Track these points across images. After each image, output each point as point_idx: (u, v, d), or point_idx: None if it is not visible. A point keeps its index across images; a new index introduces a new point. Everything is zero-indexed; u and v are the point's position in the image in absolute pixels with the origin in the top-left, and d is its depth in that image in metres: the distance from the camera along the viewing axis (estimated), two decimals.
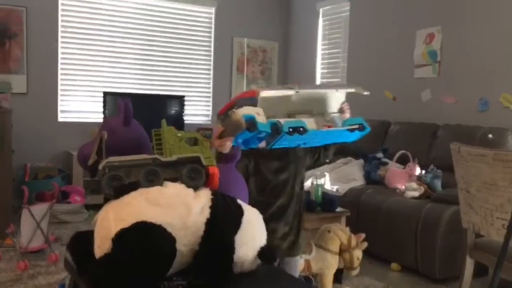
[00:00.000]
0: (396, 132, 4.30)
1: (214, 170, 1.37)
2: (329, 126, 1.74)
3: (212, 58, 5.70)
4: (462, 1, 4.02)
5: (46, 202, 3.36)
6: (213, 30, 5.68)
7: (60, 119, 4.88)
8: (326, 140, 1.90)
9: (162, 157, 1.35)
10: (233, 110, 1.55)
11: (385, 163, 3.94)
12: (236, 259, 1.26)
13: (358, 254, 2.55)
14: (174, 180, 1.32)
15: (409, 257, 3.20)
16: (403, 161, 3.92)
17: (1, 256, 3.25)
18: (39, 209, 3.24)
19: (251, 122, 1.47)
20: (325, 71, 5.54)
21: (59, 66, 4.85)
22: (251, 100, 1.54)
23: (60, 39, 4.83)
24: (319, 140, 1.85)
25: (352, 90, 1.91)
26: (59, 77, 4.86)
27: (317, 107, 1.78)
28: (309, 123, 1.64)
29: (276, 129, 1.55)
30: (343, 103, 1.90)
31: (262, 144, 1.67)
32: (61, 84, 4.89)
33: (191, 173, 1.34)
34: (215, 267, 1.25)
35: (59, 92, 4.87)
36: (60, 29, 4.82)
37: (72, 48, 4.92)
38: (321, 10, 5.54)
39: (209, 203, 1.26)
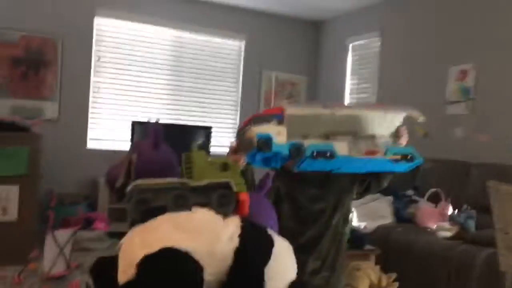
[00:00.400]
0: (427, 169, 4.17)
1: (245, 196, 1.31)
2: (372, 152, 1.52)
3: (240, 90, 5.73)
4: (495, 38, 3.95)
5: (70, 228, 3.33)
6: (242, 63, 5.73)
7: (88, 146, 4.93)
8: (366, 168, 1.67)
9: (191, 181, 1.30)
10: (249, 127, 1.43)
11: (416, 201, 3.82)
12: None
13: None
14: (203, 205, 1.27)
15: None
16: (434, 199, 3.79)
17: (23, 280, 3.21)
18: (63, 234, 3.21)
19: (264, 141, 1.37)
20: None
21: (91, 94, 4.94)
22: (276, 117, 1.43)
23: (92, 69, 4.93)
24: (356, 168, 1.63)
25: (404, 114, 1.68)
26: (90, 105, 4.94)
27: (363, 129, 1.57)
28: (341, 147, 1.45)
29: (296, 151, 1.40)
30: (400, 126, 1.67)
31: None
32: (91, 112, 4.96)
33: (221, 199, 1.29)
34: None
35: (89, 120, 4.94)
36: (93, 58, 4.93)
37: (104, 77, 5.02)
38: (350, 46, 5.54)
39: (238, 231, 1.19)
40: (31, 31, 4.61)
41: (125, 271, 1.09)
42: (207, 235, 1.15)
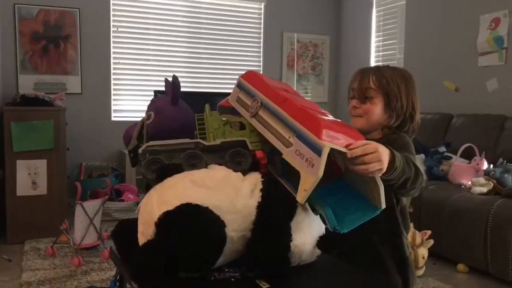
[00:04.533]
0: (459, 125, 4.02)
1: (262, 154, 1.23)
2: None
3: (261, 54, 5.61)
4: None
5: (99, 199, 3.35)
6: (262, 26, 5.58)
7: (113, 119, 4.93)
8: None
9: (205, 141, 1.24)
10: None
11: (449, 158, 3.68)
12: (293, 248, 1.12)
13: (423, 252, 2.36)
14: (219, 165, 1.21)
15: (478, 257, 2.94)
16: (468, 155, 3.64)
17: (56, 252, 3.27)
18: (92, 205, 3.24)
19: None
20: (380, 64, 5.30)
21: (112, 66, 4.91)
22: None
23: (112, 40, 4.88)
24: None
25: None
26: (112, 77, 4.92)
27: None
28: None
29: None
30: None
31: None
32: (114, 84, 4.94)
33: (236, 157, 1.22)
34: (271, 257, 1.12)
35: (112, 92, 4.92)
36: (112, 29, 4.87)
37: (124, 47, 4.97)
38: (374, 0, 5.31)
39: (259, 186, 1.13)
40: (48, 5, 4.57)
41: (144, 232, 1.05)
42: (226, 190, 1.09)
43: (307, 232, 1.15)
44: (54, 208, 3.64)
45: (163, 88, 1.45)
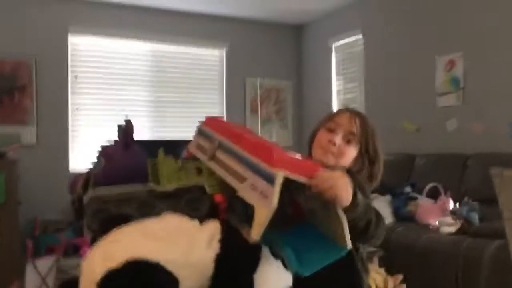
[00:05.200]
0: (422, 165, 4.04)
1: (221, 198, 1.13)
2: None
3: (224, 99, 5.58)
4: (482, 25, 3.84)
5: (53, 256, 3.13)
6: (224, 72, 5.59)
7: (70, 170, 4.73)
8: None
9: (159, 187, 1.13)
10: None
11: (415, 198, 3.66)
12: None
13: None
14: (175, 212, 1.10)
15: None
16: (433, 195, 3.63)
17: None
18: (45, 263, 3.01)
19: None
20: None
21: (70, 115, 4.76)
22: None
23: (69, 89, 4.76)
24: None
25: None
26: (70, 127, 4.76)
27: None
28: None
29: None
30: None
31: None
32: (72, 136, 4.77)
33: (192, 203, 1.11)
34: None
35: (70, 143, 4.75)
36: (70, 77, 4.75)
37: (82, 97, 4.84)
38: (333, 46, 5.42)
39: (218, 236, 1.02)
40: (1, 55, 4.43)
41: None
42: (180, 242, 0.97)
43: (272, 285, 1.04)
44: (5, 266, 3.38)
45: None
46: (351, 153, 1.45)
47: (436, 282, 2.94)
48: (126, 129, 1.24)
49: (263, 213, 0.94)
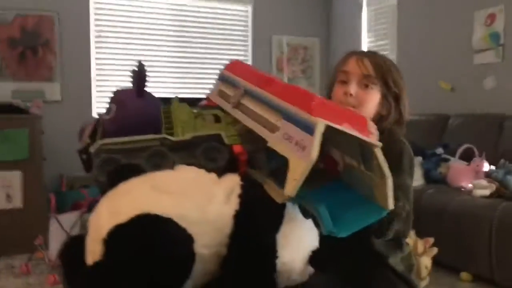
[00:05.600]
0: (456, 125, 3.86)
1: (241, 149, 1.02)
2: None
3: (250, 58, 5.42)
4: None
5: (77, 211, 3.14)
6: (250, 29, 5.40)
7: None
8: None
9: (172, 137, 1.03)
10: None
11: (447, 160, 3.50)
12: (280, 267, 0.90)
13: (426, 262, 2.17)
14: (188, 165, 1.00)
15: (482, 265, 2.76)
16: (467, 157, 3.47)
17: (30, 270, 3.05)
18: (68, 218, 3.02)
19: None
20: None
21: (93, 72, 4.70)
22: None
23: (93, 45, 4.68)
24: None
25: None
26: (93, 83, 4.71)
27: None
28: None
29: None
30: None
31: None
32: (96, 91, 4.73)
33: (209, 153, 1.00)
34: (252, 278, 0.91)
35: (94, 99, 4.71)
36: (93, 34, 4.67)
37: (106, 53, 4.77)
38: (365, 1, 5.16)
39: (238, 190, 0.92)
40: (24, 10, 4.36)
41: (93, 251, 0.83)
42: (196, 196, 0.87)
43: (296, 246, 0.94)
44: (31, 222, 3.41)
45: None
46: (373, 97, 1.31)
47: (468, 247, 2.83)
48: (139, 73, 1.13)
49: (300, 166, 0.82)
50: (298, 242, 0.95)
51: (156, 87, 4.94)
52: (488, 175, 3.15)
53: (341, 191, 1.00)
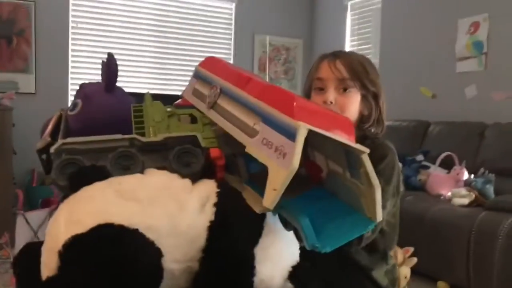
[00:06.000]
0: (437, 132, 3.84)
1: (218, 153, 0.94)
2: None
3: (232, 57, 5.34)
4: None
5: (46, 209, 3.01)
6: (233, 27, 5.32)
7: None
8: None
9: (143, 137, 0.95)
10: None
11: (427, 167, 3.48)
12: (258, 284, 0.82)
13: (405, 272, 2.12)
14: (159, 169, 0.91)
15: (459, 274, 2.73)
16: (447, 165, 3.46)
17: None
18: (37, 215, 2.89)
19: None
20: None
21: (70, 64, 4.55)
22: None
23: (70, 36, 4.54)
24: None
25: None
26: (70, 75, 4.56)
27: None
28: None
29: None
30: None
31: None
32: (72, 84, 4.58)
33: (183, 157, 0.92)
34: None
35: (70, 92, 4.56)
36: (70, 24, 4.53)
37: (83, 45, 4.63)
38: (349, 4, 5.13)
39: (213, 199, 0.84)
40: None
41: (47, 263, 0.74)
42: (166, 205, 0.78)
43: (276, 261, 0.86)
44: None
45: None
46: (354, 99, 1.25)
47: (445, 256, 2.81)
48: (109, 66, 1.04)
49: (280, 175, 0.73)
50: (278, 256, 0.87)
51: (134, 82, 4.82)
52: (467, 183, 3.13)
53: (325, 199, 0.92)
